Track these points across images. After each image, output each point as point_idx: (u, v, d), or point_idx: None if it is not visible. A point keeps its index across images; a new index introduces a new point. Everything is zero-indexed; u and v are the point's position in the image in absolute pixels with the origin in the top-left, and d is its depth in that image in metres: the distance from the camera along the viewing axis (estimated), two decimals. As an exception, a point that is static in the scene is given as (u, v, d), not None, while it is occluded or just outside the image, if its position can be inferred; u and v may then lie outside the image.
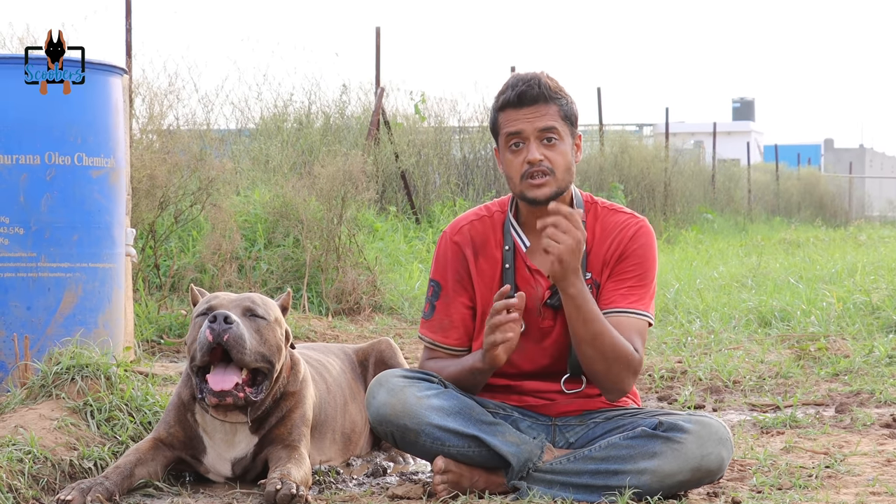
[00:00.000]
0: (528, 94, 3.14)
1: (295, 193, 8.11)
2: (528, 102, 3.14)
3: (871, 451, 3.67)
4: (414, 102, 12.81)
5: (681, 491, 3.08)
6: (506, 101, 3.17)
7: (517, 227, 3.27)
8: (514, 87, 3.17)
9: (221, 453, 3.35)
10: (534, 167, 3.13)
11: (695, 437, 3.03)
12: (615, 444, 3.08)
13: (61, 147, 4.16)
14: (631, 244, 3.21)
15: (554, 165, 3.14)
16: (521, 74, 3.20)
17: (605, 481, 3.05)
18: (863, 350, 5.69)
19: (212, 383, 3.19)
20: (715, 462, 3.04)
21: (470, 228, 3.31)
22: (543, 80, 3.16)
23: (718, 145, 24.28)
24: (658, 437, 3.05)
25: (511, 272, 3.24)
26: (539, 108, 3.14)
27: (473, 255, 3.28)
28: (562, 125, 3.16)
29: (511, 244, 3.25)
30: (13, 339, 4.02)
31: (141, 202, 6.64)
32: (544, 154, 3.14)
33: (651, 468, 3.03)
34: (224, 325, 3.15)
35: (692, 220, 19.13)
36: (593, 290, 3.21)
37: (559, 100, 3.16)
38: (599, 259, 3.22)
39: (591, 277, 3.22)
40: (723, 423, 3.11)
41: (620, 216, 3.26)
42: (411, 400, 3.13)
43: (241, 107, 11.50)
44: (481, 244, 3.28)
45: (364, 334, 6.87)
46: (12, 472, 3.13)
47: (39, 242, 4.12)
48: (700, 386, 5.08)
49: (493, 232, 3.29)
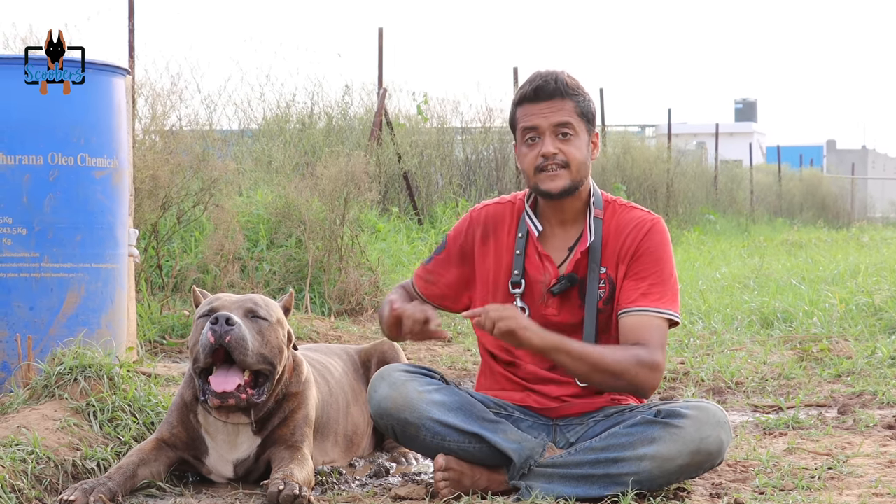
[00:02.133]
0: (544, 88, 3.19)
1: (297, 194, 8.11)
2: (544, 97, 3.19)
3: (873, 453, 3.67)
4: (416, 103, 12.81)
5: (682, 477, 3.08)
6: (523, 95, 3.23)
7: (532, 213, 3.30)
8: (531, 82, 3.22)
9: (224, 454, 3.35)
10: (548, 160, 3.18)
11: (693, 420, 3.05)
12: (615, 434, 3.10)
13: (64, 147, 4.16)
14: (645, 242, 3.23)
15: (569, 159, 3.18)
16: (541, 71, 3.25)
17: (606, 470, 3.06)
18: (865, 351, 5.69)
19: (214, 385, 3.19)
20: (714, 444, 3.05)
21: (489, 210, 3.38)
22: (562, 77, 3.21)
23: (721, 146, 24.28)
24: (657, 423, 3.06)
25: (521, 258, 3.28)
26: (555, 103, 3.19)
27: (482, 236, 3.34)
28: (577, 121, 3.20)
29: (525, 231, 3.29)
30: (16, 340, 4.02)
31: (144, 203, 6.64)
32: (559, 148, 3.18)
33: (650, 453, 3.03)
34: (226, 327, 3.16)
35: (694, 220, 19.12)
36: (607, 285, 3.23)
37: (576, 96, 3.21)
38: (614, 254, 3.25)
39: (605, 272, 3.24)
40: (720, 407, 3.14)
41: (636, 213, 3.29)
42: (412, 394, 3.16)
43: (243, 107, 11.50)
44: (493, 227, 3.34)
45: (366, 335, 6.86)
46: (15, 472, 3.13)
47: (42, 243, 4.12)
48: (703, 387, 5.08)
49: (510, 218, 3.34)
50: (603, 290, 3.24)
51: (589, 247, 3.23)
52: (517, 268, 3.27)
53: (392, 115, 11.97)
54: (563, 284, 3.23)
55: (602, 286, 3.24)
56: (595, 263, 3.23)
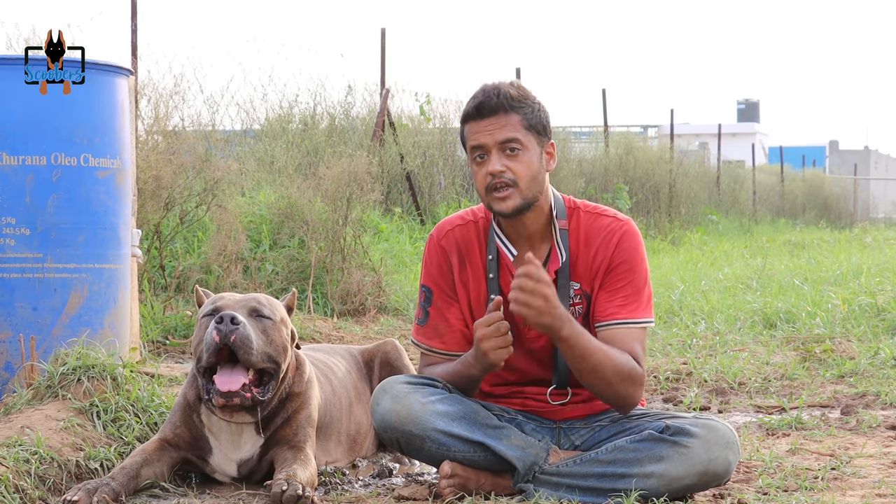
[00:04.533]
0: (486, 104, 3.08)
1: (300, 194, 8.11)
2: (487, 113, 3.08)
3: (876, 453, 3.67)
4: (419, 103, 12.82)
5: (687, 493, 3.07)
6: (467, 113, 3.12)
7: (502, 236, 3.21)
8: (475, 98, 3.11)
9: (227, 454, 3.35)
10: (496, 179, 3.07)
11: (702, 441, 3.02)
12: (622, 448, 3.07)
13: (67, 148, 4.16)
14: (618, 252, 3.15)
15: (517, 176, 3.07)
16: (486, 85, 3.12)
17: (612, 484, 3.05)
18: (868, 352, 5.68)
19: (219, 384, 3.19)
20: (722, 466, 3.03)
21: (456, 234, 3.25)
22: (504, 90, 3.08)
23: (723, 147, 24.28)
24: (665, 441, 3.04)
25: (495, 282, 3.20)
26: (499, 118, 3.08)
27: (459, 262, 3.24)
28: (525, 135, 3.09)
29: (495, 253, 3.20)
30: (19, 340, 4.02)
31: (146, 203, 6.65)
32: (506, 165, 3.07)
33: (658, 472, 3.02)
34: (231, 326, 3.16)
35: (697, 221, 19.11)
36: (583, 301, 3.17)
37: (521, 108, 3.09)
38: (586, 267, 3.17)
39: (580, 288, 3.17)
40: (729, 426, 3.10)
41: (603, 220, 3.20)
42: (416, 406, 3.10)
43: (246, 108, 11.51)
44: (467, 251, 3.24)
45: (369, 335, 6.87)
46: (19, 472, 3.13)
47: (45, 243, 4.13)
48: (705, 387, 5.07)
49: (477, 239, 3.24)
50: (579, 305, 3.17)
51: (560, 267, 3.15)
52: (493, 291, 3.19)
53: (395, 116, 11.97)
54: None
55: (578, 301, 3.17)
56: (565, 279, 3.15)
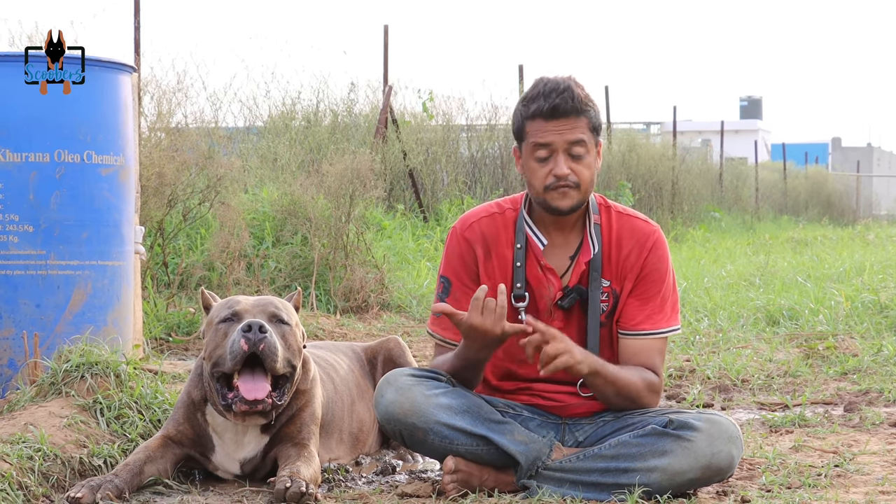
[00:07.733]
0: (561, 107, 3.09)
1: (303, 191, 8.11)
2: (560, 115, 3.10)
3: (880, 450, 3.67)
4: (422, 100, 12.80)
5: (691, 488, 3.08)
6: (538, 111, 3.11)
7: (532, 225, 3.23)
8: (547, 98, 3.10)
9: (231, 453, 3.35)
10: (561, 181, 3.11)
11: (705, 435, 3.03)
12: (625, 443, 3.08)
13: (71, 145, 4.16)
14: (650, 258, 3.21)
15: (581, 179, 3.12)
16: (552, 82, 3.13)
17: (615, 479, 3.05)
18: (871, 349, 5.68)
19: (244, 392, 3.18)
20: (725, 460, 3.04)
21: (481, 225, 3.26)
22: (576, 92, 3.10)
23: (726, 144, 24.27)
24: (668, 435, 3.05)
25: (522, 271, 3.21)
26: (570, 120, 3.11)
27: (485, 253, 3.24)
28: (589, 136, 3.13)
29: (524, 242, 3.22)
30: (23, 337, 4.02)
31: (149, 200, 6.65)
32: (571, 168, 3.11)
33: (661, 466, 3.03)
34: (259, 335, 3.16)
35: (700, 218, 19.11)
36: (611, 298, 3.21)
37: (588, 111, 3.13)
38: (617, 268, 3.21)
39: (609, 286, 3.21)
40: (733, 421, 3.11)
41: (636, 222, 3.25)
42: (419, 399, 3.12)
43: (249, 105, 11.50)
44: (493, 242, 3.25)
45: (372, 332, 6.87)
46: (22, 469, 3.13)
47: (49, 240, 4.13)
48: (708, 385, 5.07)
49: (504, 230, 3.25)
50: (606, 303, 3.21)
51: (591, 258, 3.20)
52: (519, 280, 3.21)
53: (397, 113, 11.96)
54: (573, 297, 3.19)
55: (605, 299, 3.21)
56: (597, 273, 3.19)
